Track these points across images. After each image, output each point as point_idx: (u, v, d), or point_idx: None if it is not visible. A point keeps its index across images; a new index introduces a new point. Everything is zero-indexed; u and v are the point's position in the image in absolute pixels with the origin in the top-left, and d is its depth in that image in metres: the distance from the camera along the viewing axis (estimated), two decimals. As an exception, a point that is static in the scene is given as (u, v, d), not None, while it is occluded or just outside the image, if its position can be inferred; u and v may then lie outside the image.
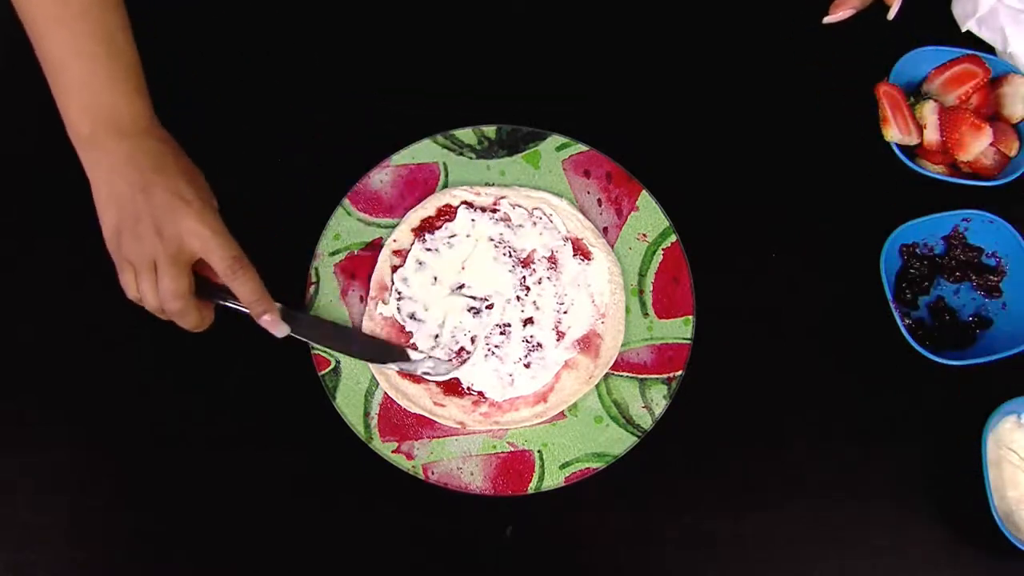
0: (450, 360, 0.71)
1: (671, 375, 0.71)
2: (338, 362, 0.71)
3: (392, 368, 0.70)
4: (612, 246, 0.75)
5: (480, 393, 0.71)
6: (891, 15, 0.70)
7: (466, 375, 0.71)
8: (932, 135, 0.77)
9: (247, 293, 0.66)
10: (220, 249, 0.64)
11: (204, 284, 0.66)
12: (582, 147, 0.77)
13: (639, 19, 0.85)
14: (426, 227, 0.75)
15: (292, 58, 0.81)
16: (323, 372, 0.70)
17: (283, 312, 0.69)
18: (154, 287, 0.63)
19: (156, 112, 0.78)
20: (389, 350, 0.71)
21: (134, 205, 0.63)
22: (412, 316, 0.72)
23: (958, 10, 0.83)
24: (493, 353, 0.71)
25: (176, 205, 0.63)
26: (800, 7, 0.85)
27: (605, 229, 0.76)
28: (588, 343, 0.72)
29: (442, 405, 0.70)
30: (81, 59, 0.64)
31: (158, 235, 0.62)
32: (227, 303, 0.68)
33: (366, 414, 0.70)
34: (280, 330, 0.68)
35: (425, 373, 0.70)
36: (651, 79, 0.82)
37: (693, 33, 0.84)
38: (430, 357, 0.70)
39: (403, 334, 0.72)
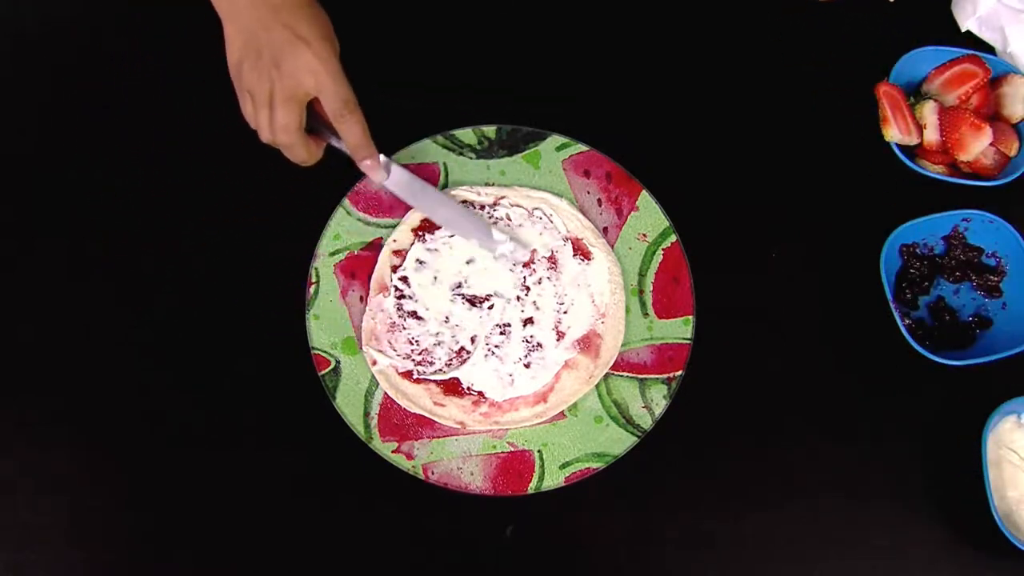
0: (524, 248, 0.73)
1: (671, 375, 0.71)
2: (338, 362, 0.71)
3: (473, 243, 0.73)
4: (612, 246, 0.75)
5: (480, 393, 0.71)
6: None
7: (466, 375, 0.71)
8: (932, 135, 0.77)
9: (352, 137, 0.68)
10: (332, 90, 0.65)
11: (316, 121, 0.68)
12: (582, 147, 0.77)
13: (639, 19, 0.85)
14: (426, 227, 0.75)
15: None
16: (323, 372, 0.70)
17: (384, 163, 0.71)
18: (269, 119, 0.66)
19: (156, 111, 0.79)
20: (476, 224, 0.73)
21: (256, 40, 0.64)
22: (413, 315, 0.72)
23: (958, 10, 0.83)
24: (493, 353, 0.71)
25: (295, 43, 0.64)
26: (799, 7, 0.85)
27: (605, 229, 0.76)
28: (588, 343, 0.72)
29: (442, 405, 0.70)
30: None
31: (276, 70, 0.64)
32: (335, 143, 0.69)
33: (366, 414, 0.70)
34: (378, 176, 0.71)
35: (502, 255, 0.72)
36: (651, 79, 0.82)
37: (693, 33, 0.84)
38: (511, 240, 0.73)
39: (400, 331, 0.72)
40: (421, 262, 0.73)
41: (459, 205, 0.74)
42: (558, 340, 0.72)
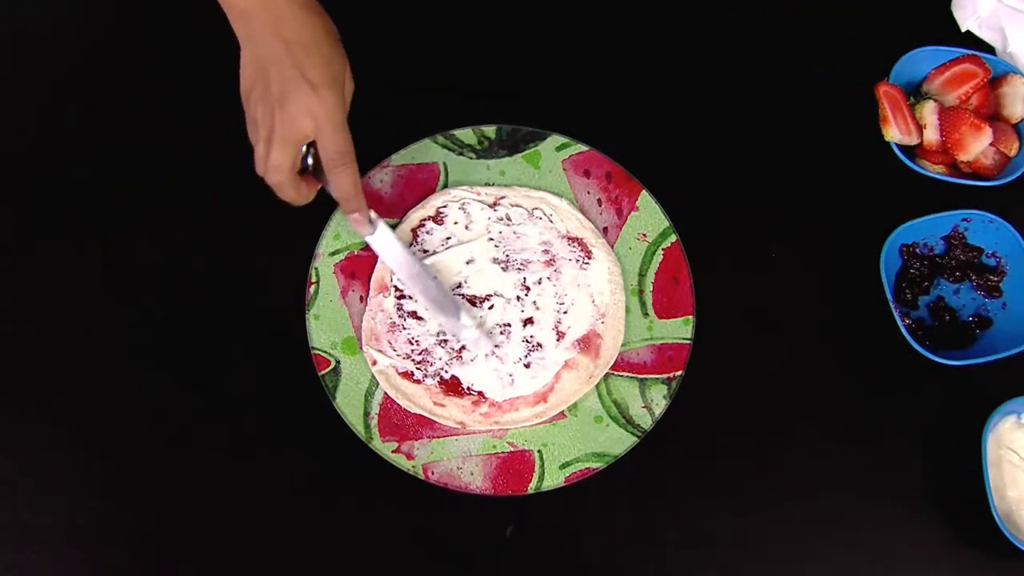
0: (489, 338, 0.72)
1: (671, 375, 0.71)
2: (338, 362, 0.71)
3: (441, 320, 0.71)
4: (612, 246, 0.75)
5: (480, 393, 0.71)
6: None
7: (466, 375, 0.71)
8: (932, 135, 0.77)
9: (342, 189, 0.66)
10: (329, 139, 0.64)
11: (318, 163, 0.66)
12: (582, 147, 0.77)
13: (639, 19, 0.85)
14: (426, 227, 0.75)
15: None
16: (323, 372, 0.70)
17: (373, 218, 0.70)
18: (265, 156, 0.64)
19: (156, 110, 0.79)
20: (448, 306, 0.71)
21: (267, 73, 0.63)
22: (413, 315, 0.72)
23: (958, 10, 0.83)
24: (493, 353, 0.71)
25: (302, 85, 0.62)
26: (800, 8, 0.85)
27: (605, 229, 0.76)
28: (588, 343, 0.72)
29: (442, 405, 0.70)
30: None
31: (280, 108, 0.63)
32: (329, 189, 0.68)
33: (366, 414, 0.70)
34: (364, 231, 0.70)
35: (465, 341, 0.71)
36: (650, 79, 0.82)
37: (693, 33, 0.84)
38: (478, 331, 0.71)
39: (400, 331, 0.72)
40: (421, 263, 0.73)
41: (437, 283, 0.72)
42: (558, 340, 0.72)
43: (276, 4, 0.63)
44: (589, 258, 0.74)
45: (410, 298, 0.73)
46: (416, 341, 0.72)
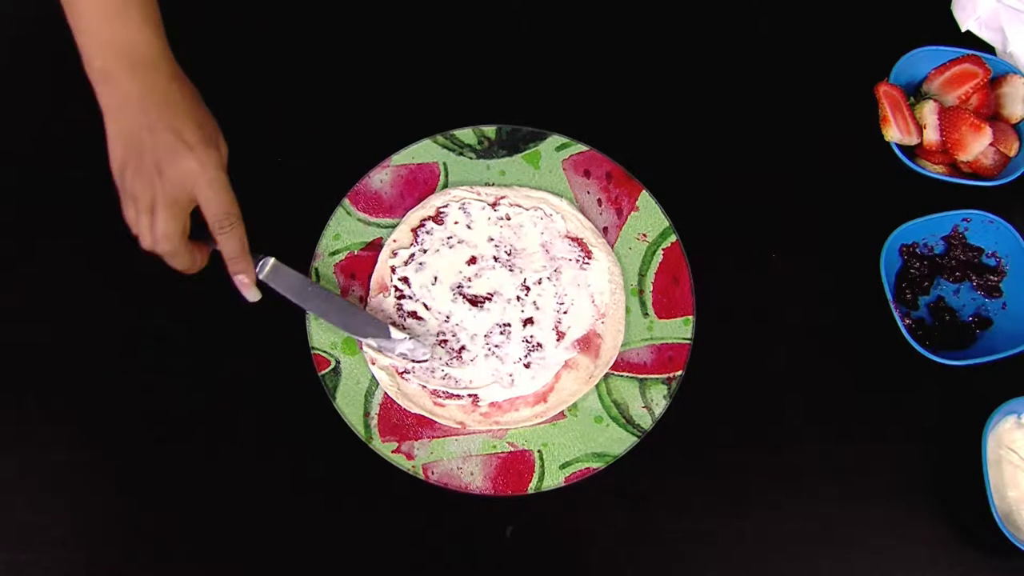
0: (433, 345, 0.70)
1: (671, 375, 0.71)
2: (338, 362, 0.71)
3: (370, 343, 0.70)
4: (612, 246, 0.75)
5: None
6: None
7: (466, 375, 0.71)
8: (932, 135, 0.77)
9: (229, 249, 0.66)
10: (214, 199, 0.63)
11: (201, 227, 0.66)
12: (582, 147, 0.77)
13: (640, 19, 0.85)
14: (426, 227, 0.75)
15: (292, 57, 0.81)
16: (323, 372, 0.70)
17: (273, 267, 0.69)
18: (150, 226, 0.63)
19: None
20: (372, 323, 0.70)
21: (139, 143, 0.62)
22: (413, 315, 0.72)
23: (958, 10, 0.83)
24: (493, 353, 0.71)
25: (179, 148, 0.62)
26: (800, 8, 0.85)
27: (605, 229, 0.76)
28: (588, 343, 0.72)
29: (442, 405, 0.70)
30: None
31: (159, 175, 0.62)
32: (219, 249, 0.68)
33: (366, 414, 0.70)
34: (251, 294, 0.68)
35: (402, 354, 0.69)
36: (651, 79, 0.82)
37: (693, 33, 0.84)
38: (410, 338, 0.70)
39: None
40: (421, 263, 0.73)
41: (351, 305, 0.71)
42: (558, 340, 0.72)
43: (140, 71, 0.63)
44: (589, 258, 0.74)
45: (410, 298, 0.73)
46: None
